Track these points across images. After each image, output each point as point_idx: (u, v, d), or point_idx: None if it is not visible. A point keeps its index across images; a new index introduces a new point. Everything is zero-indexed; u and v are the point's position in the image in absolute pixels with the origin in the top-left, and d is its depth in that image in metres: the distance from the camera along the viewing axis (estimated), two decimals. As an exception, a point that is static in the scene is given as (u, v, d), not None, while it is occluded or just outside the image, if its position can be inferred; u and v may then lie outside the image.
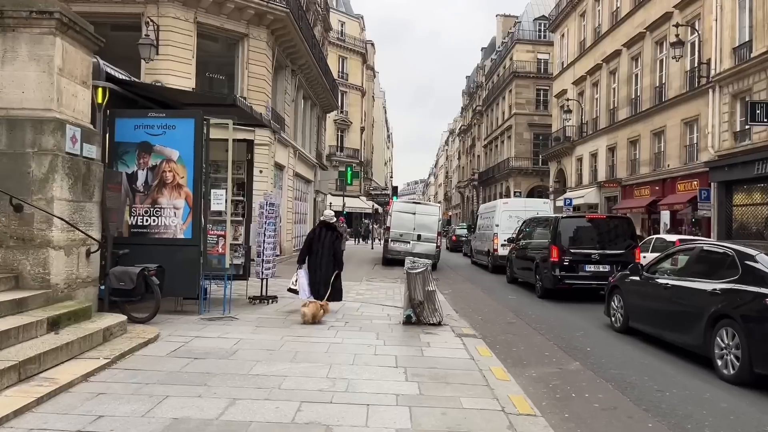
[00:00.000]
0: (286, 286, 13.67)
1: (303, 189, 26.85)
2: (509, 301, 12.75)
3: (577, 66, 36.38)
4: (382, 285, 14.76)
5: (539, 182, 50.38)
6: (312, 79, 25.66)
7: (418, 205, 21.61)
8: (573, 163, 37.06)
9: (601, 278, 12.25)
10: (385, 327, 8.31)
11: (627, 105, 29.05)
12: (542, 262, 13.23)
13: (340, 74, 55.14)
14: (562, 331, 9.02)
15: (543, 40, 53.13)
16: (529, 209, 20.30)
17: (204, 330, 7.49)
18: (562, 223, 13.05)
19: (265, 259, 10.43)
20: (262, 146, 18.21)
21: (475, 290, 15.09)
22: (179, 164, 8.59)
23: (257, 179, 18.21)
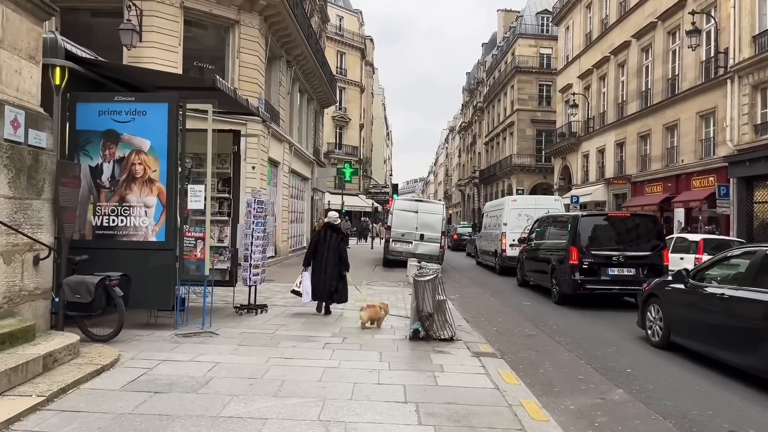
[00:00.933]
0: (278, 291, 12.59)
1: (300, 187, 25.69)
2: (524, 308, 11.60)
3: (582, 59, 35.23)
4: (384, 289, 13.62)
5: (542, 179, 49.33)
6: (308, 72, 24.49)
7: (421, 203, 20.46)
8: (579, 159, 35.92)
9: (625, 283, 11.34)
10: (389, 344, 7.16)
11: (637, 98, 27.91)
12: (559, 264, 12.15)
13: (339, 70, 53.96)
14: (592, 346, 7.88)
15: (546, 34, 52.09)
16: (539, 207, 19.23)
17: (175, 350, 6.33)
18: (581, 222, 11.87)
19: (253, 264, 9.27)
20: (253, 138, 17.07)
21: (485, 295, 13.95)
22: (151, 156, 7.43)
23: (249, 175, 17.12)
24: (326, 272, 9.21)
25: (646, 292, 8.19)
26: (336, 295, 9.43)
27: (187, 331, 7.36)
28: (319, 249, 9.37)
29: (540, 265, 13.78)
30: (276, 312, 9.54)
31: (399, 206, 19.91)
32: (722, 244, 14.89)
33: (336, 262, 9.31)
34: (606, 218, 12.64)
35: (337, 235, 9.54)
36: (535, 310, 11.36)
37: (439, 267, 8.02)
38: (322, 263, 9.23)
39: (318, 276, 9.21)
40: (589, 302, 11.77)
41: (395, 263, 19.54)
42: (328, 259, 9.25)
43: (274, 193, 20.29)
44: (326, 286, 9.23)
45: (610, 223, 12.37)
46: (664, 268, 11.38)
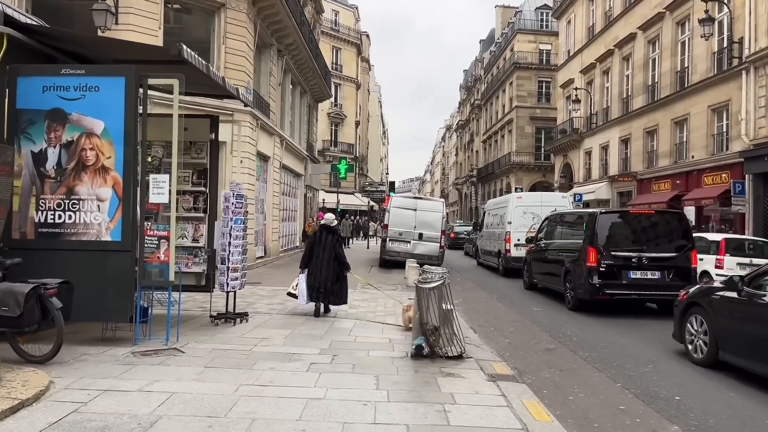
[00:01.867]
0: (264, 296, 11.45)
1: (292, 183, 24.50)
2: (536, 315, 10.47)
3: (585, 53, 34.16)
4: (381, 293, 12.48)
5: (542, 178, 48.36)
6: (301, 63, 23.30)
7: (420, 200, 19.30)
8: (581, 156, 34.85)
9: (649, 287, 10.25)
10: (387, 364, 6.01)
11: (643, 92, 26.83)
12: (574, 267, 11.01)
13: (334, 66, 52.80)
14: (624, 364, 6.75)
15: (545, 30, 51.14)
16: (546, 204, 18.05)
17: (125, 375, 5.17)
18: (600, 219, 10.63)
19: (231, 267, 8.11)
20: (241, 126, 15.92)
21: (490, 299, 12.82)
22: (105, 140, 6.26)
23: (236, 170, 15.95)
24: (322, 273, 9.10)
25: (685, 300, 7.07)
26: (332, 297, 9.25)
27: (147, 348, 6.19)
28: (315, 250, 9.30)
29: (551, 267, 12.70)
30: (258, 321, 8.39)
31: (396, 204, 18.76)
32: (746, 244, 13.86)
33: (332, 264, 9.22)
34: (627, 215, 11.47)
35: (332, 236, 9.49)
36: (549, 317, 10.22)
37: (445, 271, 6.88)
38: (318, 265, 9.16)
39: (314, 278, 9.10)
40: (606, 308, 10.65)
41: (393, 264, 18.41)
42: (323, 261, 9.17)
43: (263, 189, 19.12)
44: (322, 287, 9.09)
45: (631, 220, 11.17)
46: (693, 271, 10.29)
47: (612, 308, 10.69)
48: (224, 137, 15.64)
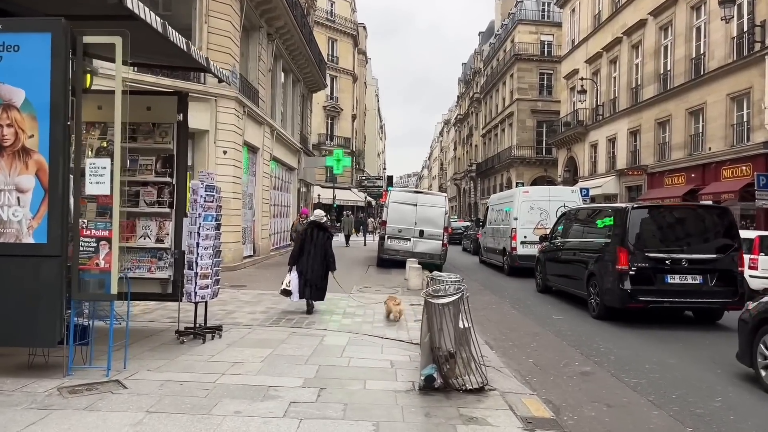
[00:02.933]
0: (247, 302, 10.09)
1: (284, 177, 23.10)
2: (558, 326, 9.12)
3: (590, 42, 32.81)
4: (379, 298, 11.14)
5: (543, 172, 47.18)
6: (293, 48, 21.87)
7: (421, 194, 17.92)
8: (586, 149, 33.53)
9: (689, 294, 8.87)
10: (390, 403, 4.66)
11: (654, 82, 25.50)
12: (600, 269, 9.72)
13: (330, 57, 51.32)
14: (686, 396, 5.41)
15: (547, 20, 49.92)
16: (554, 199, 17.08)
17: (35, 427, 3.80)
18: (632, 215, 9.27)
19: (200, 273, 6.74)
20: (225, 116, 14.51)
21: (502, 305, 11.47)
22: (26, 113, 4.88)
23: (220, 161, 14.54)
24: (313, 271, 9.16)
25: (754, 315, 5.73)
26: (317, 293, 9.28)
27: (82, 380, 4.83)
28: (305, 248, 9.29)
29: (569, 268, 11.41)
30: (233, 337, 7.03)
31: (396, 198, 17.39)
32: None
33: (322, 261, 9.27)
34: (662, 211, 10.05)
35: (323, 233, 9.47)
36: (574, 328, 8.88)
37: (459, 279, 5.54)
38: (309, 262, 9.16)
39: (305, 275, 9.12)
40: (636, 316, 9.40)
41: (391, 263, 17.08)
42: (315, 258, 9.20)
43: (252, 183, 17.73)
44: (312, 284, 9.16)
45: (666, 217, 9.75)
46: (739, 276, 8.96)
47: (642, 316, 9.43)
48: (206, 125, 14.27)
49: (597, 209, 11.81)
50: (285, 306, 9.67)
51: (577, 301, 11.05)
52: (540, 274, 13.34)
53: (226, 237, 14.35)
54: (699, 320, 9.53)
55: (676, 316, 9.79)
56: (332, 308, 9.85)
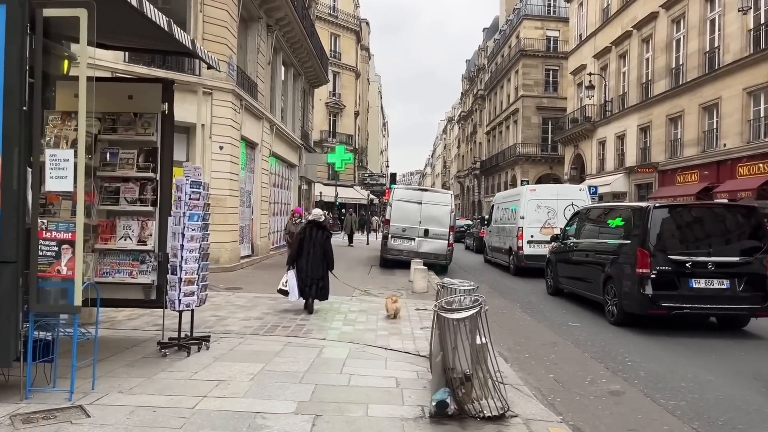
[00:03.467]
0: (241, 306, 9.43)
1: (285, 174, 22.45)
2: (576, 333, 8.44)
3: (599, 37, 32.08)
4: (382, 301, 10.49)
5: (549, 170, 46.53)
6: (294, 41, 21.19)
7: (426, 192, 17.24)
8: (594, 146, 32.81)
9: (716, 299, 8.26)
10: (396, 430, 3.99)
11: (666, 76, 24.76)
12: (618, 272, 9.11)
13: (333, 53, 50.70)
14: (735, 422, 4.72)
15: (552, 15, 49.23)
16: (561, 198, 16.68)
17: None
18: (654, 215, 8.66)
19: (185, 278, 6.08)
20: (221, 109, 13.86)
21: (513, 309, 10.80)
22: (-27, 96, 4.22)
23: (216, 157, 13.90)
24: (312, 270, 9.08)
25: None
26: (320, 292, 9.19)
27: (40, 406, 4.18)
28: (304, 247, 9.21)
29: (583, 270, 10.82)
30: (222, 348, 6.38)
31: (399, 196, 16.72)
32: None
33: (321, 260, 9.20)
34: (685, 210, 9.43)
35: (322, 232, 9.42)
36: (593, 336, 8.19)
37: (474, 287, 4.89)
38: (308, 261, 9.08)
39: (305, 274, 9.03)
40: (656, 322, 8.78)
41: (395, 264, 16.42)
42: (314, 257, 9.13)
43: (250, 180, 17.07)
44: (313, 284, 9.07)
45: (690, 216, 9.15)
46: (769, 280, 8.28)
47: (662, 322, 8.80)
48: (201, 119, 13.60)
49: (613, 208, 11.21)
50: (281, 310, 9.04)
51: (592, 305, 10.40)
52: (551, 276, 12.74)
53: (223, 236, 13.71)
54: (723, 327, 8.94)
55: (698, 322, 9.13)
56: (332, 313, 9.21)
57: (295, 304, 9.21)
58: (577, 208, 14.57)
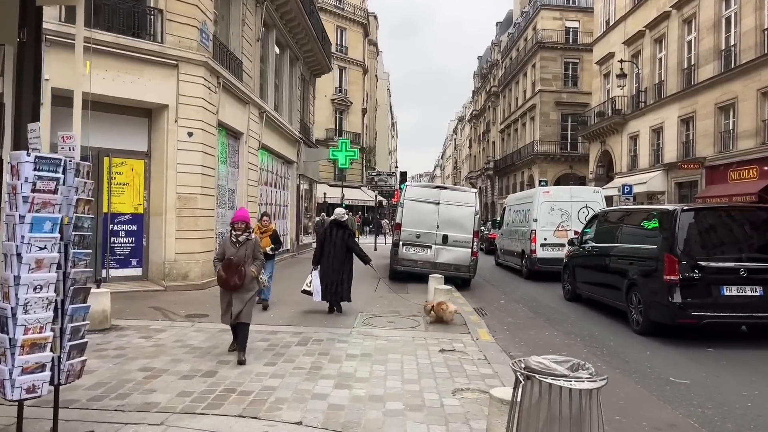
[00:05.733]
0: (190, 348, 6.57)
1: (280, 172, 19.64)
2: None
3: (629, 21, 29.12)
4: (394, 335, 7.69)
5: (569, 169, 43.67)
6: (290, 18, 18.39)
7: (444, 190, 14.31)
8: (624, 142, 29.78)
9: (748, 308, 7.89)
10: None
11: (714, 59, 21.74)
12: (644, 279, 8.67)
13: (339, 47, 48.07)
14: None
15: (572, 5, 46.41)
16: (575, 200, 16.21)
17: None
18: (681, 218, 8.29)
19: (24, 341, 3.25)
20: (191, 85, 11.08)
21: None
22: None
23: (184, 146, 11.10)
24: (334, 271, 9.06)
25: None
26: (345, 293, 9.26)
27: None
28: (325, 247, 9.21)
29: (604, 276, 10.25)
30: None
31: (412, 195, 13.86)
32: None
33: (343, 260, 9.18)
34: (715, 213, 9.09)
35: (343, 231, 9.33)
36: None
37: (591, 368, 2.04)
38: (329, 262, 9.08)
39: (326, 275, 9.02)
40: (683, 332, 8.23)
41: (407, 276, 13.57)
42: (335, 258, 9.11)
43: (233, 175, 14.28)
44: (334, 285, 9.03)
45: (720, 220, 8.78)
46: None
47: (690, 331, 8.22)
48: (164, 97, 10.82)
49: (636, 210, 11.01)
50: (250, 356, 6.21)
51: (613, 312, 9.80)
52: (569, 282, 12.03)
53: (191, 245, 10.94)
54: (756, 336, 8.47)
55: (728, 332, 8.59)
56: (322, 358, 6.38)
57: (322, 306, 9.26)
58: (592, 210, 14.76)
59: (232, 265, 6.17)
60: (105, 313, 7.67)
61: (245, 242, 6.38)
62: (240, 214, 6.72)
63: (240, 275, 6.16)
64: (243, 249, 6.32)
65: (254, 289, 6.50)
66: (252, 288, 6.42)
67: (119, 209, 11.01)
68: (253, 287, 6.44)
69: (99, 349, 6.58)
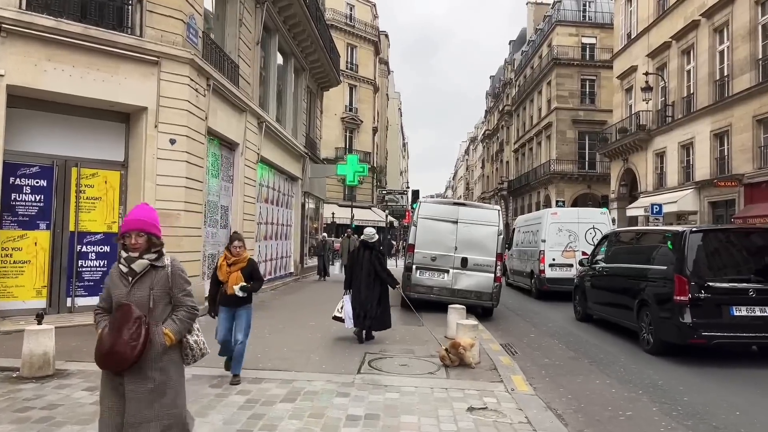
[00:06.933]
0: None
1: (283, 189, 18.19)
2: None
3: (653, 32, 27.70)
4: (408, 385, 6.09)
5: (587, 189, 42.02)
6: (294, 24, 17.10)
7: (463, 207, 12.68)
8: (650, 159, 28.12)
9: (759, 328, 7.84)
10: None
11: (750, 69, 20.18)
12: (655, 300, 8.64)
13: (349, 65, 47.13)
14: None
15: (588, 21, 45.21)
16: (583, 221, 16.57)
17: None
18: (691, 240, 8.38)
19: None
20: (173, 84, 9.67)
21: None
22: None
23: (165, 155, 9.62)
24: (361, 295, 8.43)
25: None
26: (374, 321, 8.44)
27: None
28: (354, 270, 8.65)
29: (615, 297, 10.28)
30: None
31: (427, 213, 12.28)
32: None
33: (370, 284, 8.50)
34: (724, 234, 9.34)
35: (370, 252, 8.67)
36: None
37: None
38: (357, 286, 8.53)
39: (355, 299, 8.44)
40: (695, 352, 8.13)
41: (423, 305, 11.92)
42: (362, 281, 8.52)
43: (227, 191, 12.82)
44: (363, 310, 8.36)
45: (729, 241, 9.03)
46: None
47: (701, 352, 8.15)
48: (143, 99, 9.42)
49: (646, 231, 11.30)
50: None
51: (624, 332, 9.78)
52: (579, 302, 12.06)
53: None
54: None
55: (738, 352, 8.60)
56: (310, 428, 4.77)
57: None
58: (599, 231, 15.29)
59: (123, 318, 3.08)
60: (46, 357, 6.15)
61: (148, 273, 3.24)
62: (136, 214, 3.32)
63: (135, 342, 3.01)
64: (143, 287, 3.21)
65: (171, 376, 3.22)
66: (167, 370, 3.19)
67: (89, 228, 9.55)
68: (169, 368, 3.20)
69: (22, 408, 5.04)
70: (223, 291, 6.25)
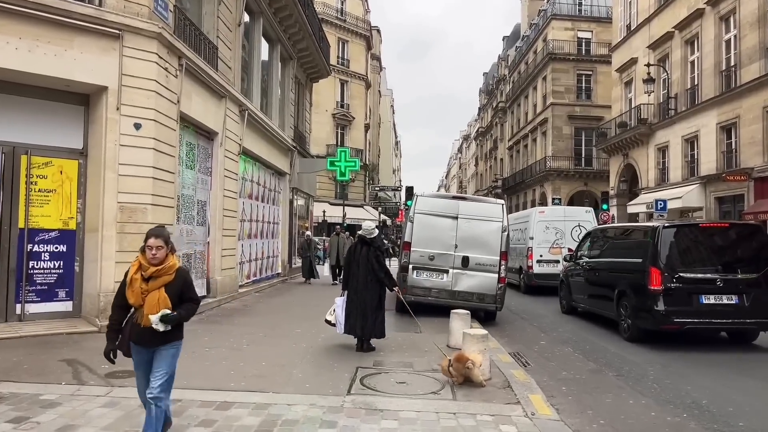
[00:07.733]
0: None
1: (269, 184, 17.05)
2: None
3: (655, 23, 26.82)
4: (408, 409, 5.04)
5: (583, 186, 41.19)
6: (280, 8, 15.95)
7: (464, 201, 11.61)
8: (651, 154, 27.24)
9: (725, 315, 8.54)
10: None
11: (760, 58, 19.30)
12: (632, 290, 9.19)
13: (340, 60, 46.02)
14: None
15: (584, 15, 44.41)
16: (569, 219, 17.38)
17: None
18: (663, 234, 8.92)
19: None
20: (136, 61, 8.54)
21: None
22: None
23: (129, 141, 8.47)
24: (358, 297, 7.54)
25: None
26: (374, 327, 7.50)
27: None
28: (352, 269, 7.76)
29: (597, 289, 10.84)
30: None
31: (424, 207, 11.20)
32: None
33: (367, 285, 7.58)
34: (694, 229, 9.65)
35: (368, 249, 7.71)
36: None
37: None
38: (354, 286, 7.66)
39: (350, 302, 7.58)
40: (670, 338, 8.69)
41: (420, 309, 10.84)
42: (359, 281, 7.62)
43: (204, 184, 11.69)
44: (358, 315, 7.43)
45: (699, 235, 9.42)
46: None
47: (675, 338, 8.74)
48: (103, 78, 8.28)
49: (625, 228, 11.90)
50: None
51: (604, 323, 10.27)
52: (564, 296, 12.73)
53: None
54: (734, 341, 9.25)
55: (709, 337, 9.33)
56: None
57: None
58: (584, 229, 15.91)
59: None
60: (-33, 378, 5.01)
61: None
62: None
63: None
64: None
65: None
66: None
67: (42, 224, 8.39)
68: None
69: None
70: (135, 321, 3.87)
